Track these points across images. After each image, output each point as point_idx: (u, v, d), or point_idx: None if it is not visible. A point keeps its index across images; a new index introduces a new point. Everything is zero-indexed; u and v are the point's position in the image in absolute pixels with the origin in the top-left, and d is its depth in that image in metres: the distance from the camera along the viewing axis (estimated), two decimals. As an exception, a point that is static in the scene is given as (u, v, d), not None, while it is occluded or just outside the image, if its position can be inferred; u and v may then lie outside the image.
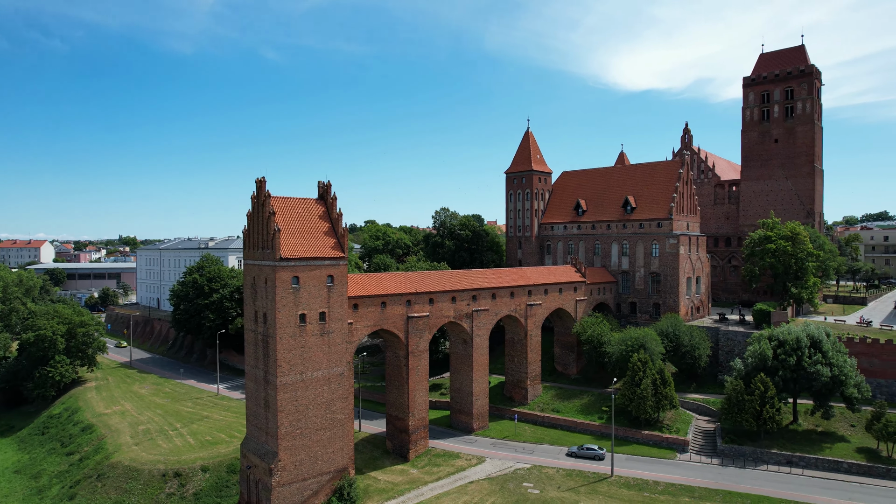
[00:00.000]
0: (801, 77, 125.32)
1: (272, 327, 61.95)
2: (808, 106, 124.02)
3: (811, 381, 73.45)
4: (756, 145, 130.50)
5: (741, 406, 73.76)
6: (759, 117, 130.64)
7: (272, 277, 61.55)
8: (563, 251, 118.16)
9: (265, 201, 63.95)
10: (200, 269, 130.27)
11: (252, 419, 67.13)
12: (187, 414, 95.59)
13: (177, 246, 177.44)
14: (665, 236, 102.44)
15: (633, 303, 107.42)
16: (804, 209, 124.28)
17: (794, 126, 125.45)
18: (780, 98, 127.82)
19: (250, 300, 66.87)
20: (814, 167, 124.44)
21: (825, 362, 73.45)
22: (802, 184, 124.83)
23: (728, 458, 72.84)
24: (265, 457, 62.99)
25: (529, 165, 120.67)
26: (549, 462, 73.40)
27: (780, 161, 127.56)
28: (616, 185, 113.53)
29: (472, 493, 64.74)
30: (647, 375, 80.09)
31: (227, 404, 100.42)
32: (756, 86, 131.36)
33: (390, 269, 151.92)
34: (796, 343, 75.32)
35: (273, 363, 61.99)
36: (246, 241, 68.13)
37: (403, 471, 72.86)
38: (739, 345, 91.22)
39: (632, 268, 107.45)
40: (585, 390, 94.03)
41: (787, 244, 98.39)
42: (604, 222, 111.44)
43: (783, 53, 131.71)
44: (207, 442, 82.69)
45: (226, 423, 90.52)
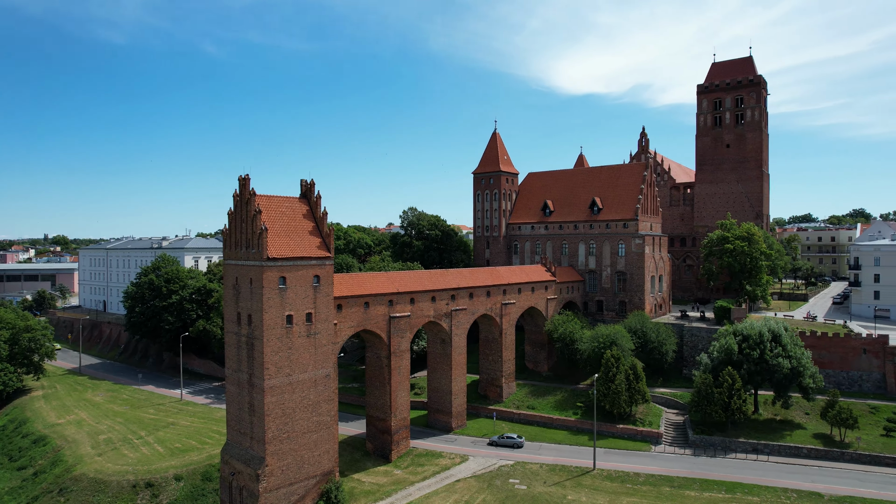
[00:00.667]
0: (750, 86, 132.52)
1: (258, 329, 60.29)
2: (757, 114, 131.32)
3: (773, 373, 78.05)
4: (709, 150, 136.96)
5: (710, 398, 77.47)
6: (711, 123, 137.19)
7: (258, 278, 59.89)
8: (530, 251, 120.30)
9: (250, 199, 62.18)
10: (156, 269, 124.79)
11: (234, 424, 65.05)
12: (151, 421, 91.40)
13: (126, 246, 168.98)
14: (631, 236, 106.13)
15: (600, 301, 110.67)
16: (753, 211, 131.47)
17: (744, 132, 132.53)
18: (731, 105, 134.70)
19: (232, 301, 64.77)
20: (762, 171, 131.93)
21: (785, 355, 78.19)
22: (752, 187, 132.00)
23: (699, 448, 76.35)
24: (251, 462, 61.21)
25: (498, 166, 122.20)
26: (531, 458, 74.73)
27: (732, 165, 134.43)
28: (582, 186, 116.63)
29: (462, 492, 65.13)
30: (620, 371, 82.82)
31: (192, 410, 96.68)
32: (709, 93, 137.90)
33: (353, 269, 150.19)
34: (759, 338, 79.83)
35: (259, 366, 60.34)
36: (226, 241, 65.98)
37: (387, 472, 72.43)
38: (703, 340, 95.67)
39: (598, 267, 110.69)
40: (558, 387, 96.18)
41: (743, 244, 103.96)
42: (571, 222, 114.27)
43: (733, 63, 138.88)
44: (178, 449, 79.39)
45: (194, 429, 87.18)
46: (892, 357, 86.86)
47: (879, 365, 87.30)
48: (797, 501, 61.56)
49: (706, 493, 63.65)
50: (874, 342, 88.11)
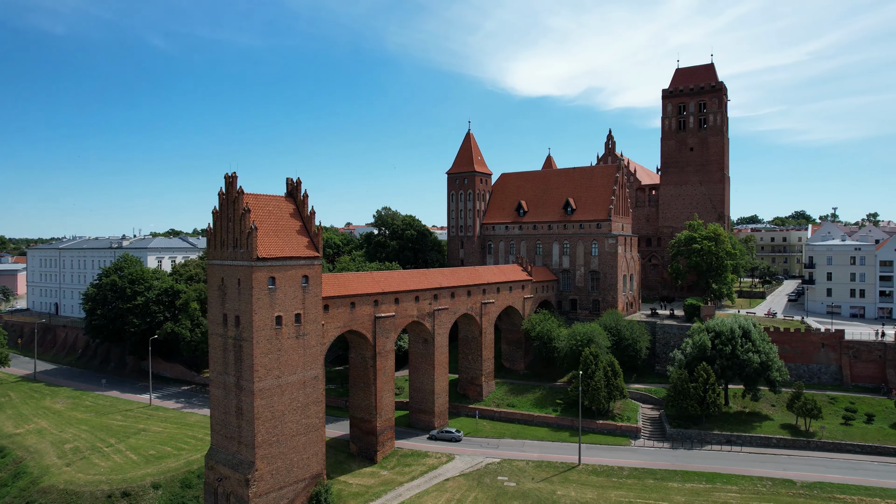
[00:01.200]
0: (712, 92, 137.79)
1: (247, 330, 58.87)
2: (719, 119, 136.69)
3: (743, 368, 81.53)
4: (674, 153, 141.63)
5: (686, 393, 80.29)
6: (676, 127, 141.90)
7: (247, 278, 58.49)
8: (504, 251, 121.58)
9: (237, 198, 60.64)
10: (119, 269, 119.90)
11: (219, 429, 63.25)
12: (119, 428, 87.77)
13: (81, 245, 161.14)
14: (604, 237, 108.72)
15: (574, 300, 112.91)
16: (716, 212, 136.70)
17: (707, 136, 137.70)
18: (694, 110, 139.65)
19: (217, 303, 62.96)
20: (724, 174, 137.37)
21: (755, 350, 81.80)
22: (714, 189, 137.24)
23: (677, 441, 79.03)
24: (239, 467, 59.71)
25: (472, 167, 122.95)
26: (517, 455, 75.66)
27: (695, 168, 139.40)
28: (555, 187, 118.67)
29: (453, 491, 65.37)
30: (599, 368, 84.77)
31: (163, 415, 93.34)
32: (674, 98, 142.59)
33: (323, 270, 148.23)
34: (731, 334, 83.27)
35: (248, 368, 58.94)
36: (211, 241, 64.07)
37: (374, 473, 71.95)
38: (675, 337, 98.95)
39: (572, 266, 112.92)
40: (536, 385, 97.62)
41: (710, 244, 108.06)
42: (545, 223, 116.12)
43: (696, 70, 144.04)
44: (153, 457, 76.59)
45: (168, 435, 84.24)
46: (848, 351, 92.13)
47: (836, 358, 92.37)
48: (772, 489, 64.58)
49: (688, 485, 65.99)
50: (832, 337, 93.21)
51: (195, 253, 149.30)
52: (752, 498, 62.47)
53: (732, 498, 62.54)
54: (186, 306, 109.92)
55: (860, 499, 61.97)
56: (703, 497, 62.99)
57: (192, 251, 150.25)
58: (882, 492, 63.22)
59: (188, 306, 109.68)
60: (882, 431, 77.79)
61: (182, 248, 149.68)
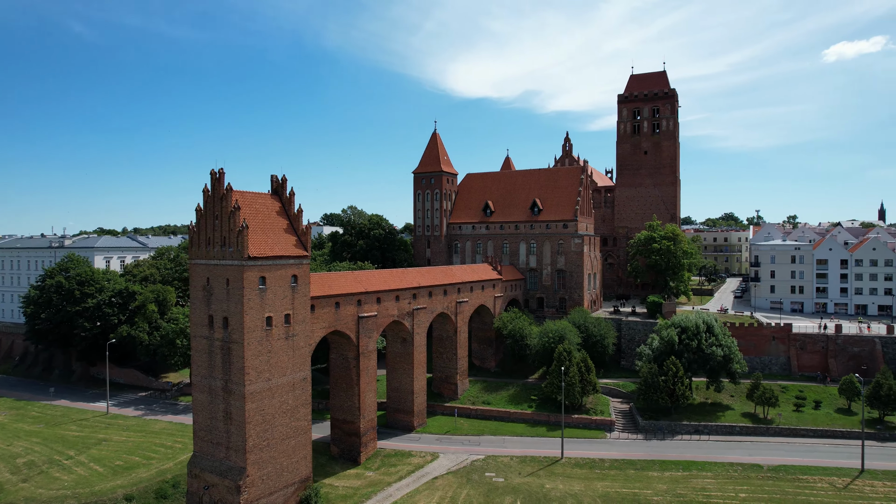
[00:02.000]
0: (665, 98, 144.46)
1: (237, 332, 56.96)
2: (671, 124, 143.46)
3: (708, 361, 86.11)
4: (629, 156, 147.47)
5: (656, 386, 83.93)
6: (631, 131, 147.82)
7: (238, 278, 56.60)
8: (471, 250, 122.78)
9: (225, 195, 58.54)
10: (64, 270, 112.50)
11: (204, 435, 60.83)
12: (77, 439, 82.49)
13: (14, 244, 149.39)
14: (571, 236, 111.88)
15: (541, 298, 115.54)
16: (668, 213, 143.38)
17: (660, 141, 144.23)
18: (648, 115, 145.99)
19: (201, 304, 60.47)
20: (676, 177, 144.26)
21: (718, 344, 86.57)
22: (667, 191, 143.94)
23: (650, 432, 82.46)
24: (228, 474, 57.65)
25: (439, 167, 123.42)
26: (499, 451, 76.78)
27: (649, 171, 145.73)
28: (521, 188, 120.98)
29: (444, 489, 65.64)
30: (573, 364, 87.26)
31: (124, 424, 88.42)
32: (628, 103, 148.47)
33: None
34: (696, 329, 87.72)
35: (239, 371, 57.04)
36: (194, 239, 61.52)
37: (359, 474, 71.16)
38: (639, 333, 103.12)
39: (539, 265, 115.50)
40: (508, 382, 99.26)
41: (669, 244, 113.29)
42: (512, 223, 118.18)
43: (649, 76, 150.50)
44: (120, 468, 72.49)
45: (133, 444, 79.94)
46: (795, 343, 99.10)
47: (785, 350, 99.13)
48: (742, 473, 68.69)
49: (667, 473, 69.14)
50: (781, 330, 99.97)
51: (146, 252, 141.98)
52: (727, 482, 66.22)
53: (709, 484, 66.06)
54: (143, 308, 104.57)
55: (820, 478, 66.93)
56: (682, 484, 66.18)
57: (143, 250, 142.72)
58: (837, 471, 68.55)
59: (145, 308, 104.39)
60: (829, 416, 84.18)
61: (132, 248, 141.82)
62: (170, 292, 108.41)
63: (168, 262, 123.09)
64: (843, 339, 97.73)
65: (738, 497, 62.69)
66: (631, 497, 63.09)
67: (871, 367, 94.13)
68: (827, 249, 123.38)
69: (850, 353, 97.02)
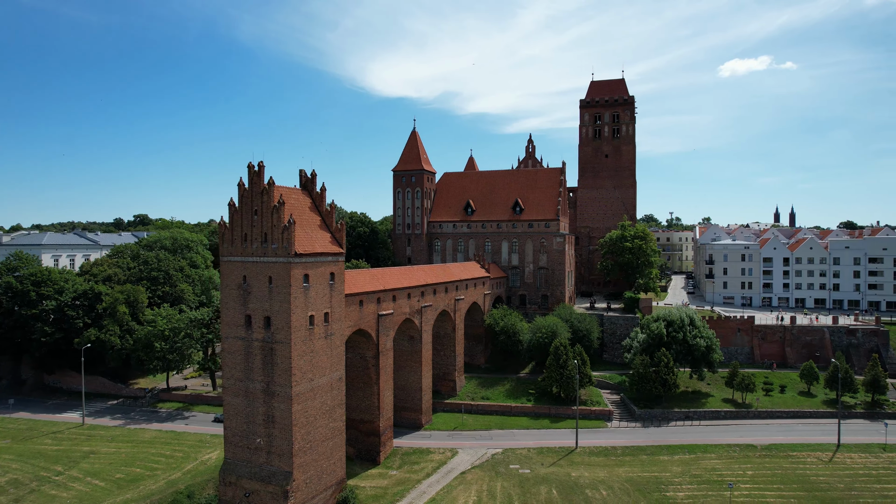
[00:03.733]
0: (624, 105, 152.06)
1: (282, 332, 55.06)
2: (630, 129, 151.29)
3: (692, 352, 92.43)
4: (591, 159, 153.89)
5: (647, 376, 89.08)
6: (592, 135, 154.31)
7: (284, 276, 54.70)
8: (451, 249, 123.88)
9: (266, 189, 56.30)
10: (13, 270, 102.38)
11: (238, 440, 58.15)
12: (58, 454, 75.63)
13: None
14: (553, 235, 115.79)
15: (523, 295, 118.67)
16: (627, 214, 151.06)
17: (620, 145, 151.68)
18: (608, 120, 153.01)
19: (237, 303, 57.75)
20: (634, 179, 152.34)
21: (700, 336, 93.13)
22: (626, 193, 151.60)
23: (646, 420, 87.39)
24: (272, 479, 55.57)
25: (420, 165, 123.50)
26: (514, 444, 78.64)
27: (609, 173, 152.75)
28: (502, 187, 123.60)
29: (477, 482, 66.51)
30: (571, 358, 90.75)
31: (108, 434, 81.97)
32: (590, 108, 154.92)
33: None
34: (681, 322, 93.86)
35: (284, 372, 55.15)
36: (227, 236, 58.63)
37: (382, 473, 70.54)
38: (621, 327, 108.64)
39: (521, 263, 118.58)
40: (502, 377, 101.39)
41: (641, 242, 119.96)
42: (494, 221, 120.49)
43: (609, 83, 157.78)
44: (123, 481, 67.50)
45: (127, 455, 74.49)
46: (757, 334, 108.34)
47: (749, 341, 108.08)
48: (741, 453, 74.69)
49: (676, 457, 73.82)
50: (745, 323, 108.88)
51: (98, 250, 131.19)
52: (732, 462, 71.80)
53: (717, 464, 71.30)
54: (113, 310, 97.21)
55: (807, 454, 74.14)
56: (693, 466, 70.99)
57: (94, 248, 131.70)
58: (819, 446, 76.24)
59: (115, 310, 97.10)
60: (795, 399, 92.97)
61: (83, 245, 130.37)
62: (141, 293, 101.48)
63: (130, 261, 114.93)
64: (797, 329, 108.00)
65: (746, 475, 68.19)
66: (654, 480, 66.95)
67: (822, 354, 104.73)
68: (772, 249, 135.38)
69: (803, 341, 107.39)
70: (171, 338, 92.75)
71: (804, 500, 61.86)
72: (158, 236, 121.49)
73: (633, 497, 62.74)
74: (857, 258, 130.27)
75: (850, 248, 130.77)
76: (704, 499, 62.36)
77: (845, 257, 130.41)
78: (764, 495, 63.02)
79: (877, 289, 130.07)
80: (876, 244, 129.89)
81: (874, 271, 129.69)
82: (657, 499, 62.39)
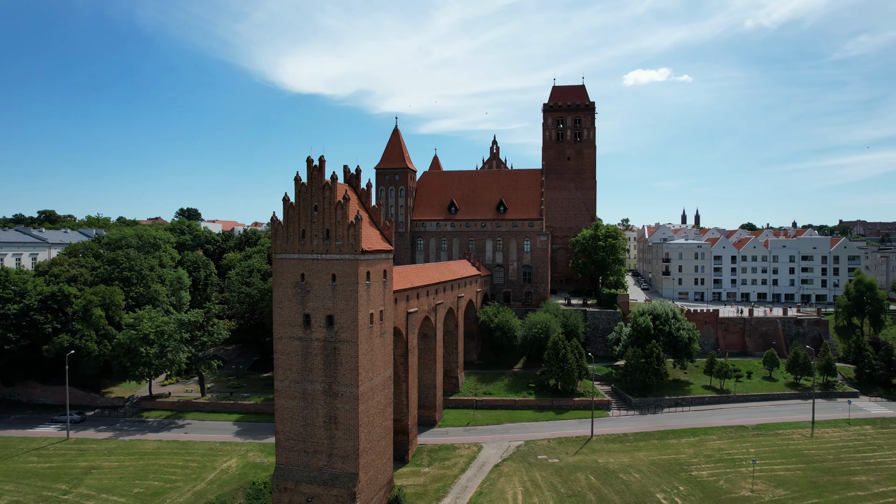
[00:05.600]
0: (585, 110, 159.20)
1: (347, 330, 54.06)
2: (591, 133, 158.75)
3: (676, 343, 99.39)
4: (554, 161, 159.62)
5: (639, 367, 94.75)
6: (555, 138, 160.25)
7: (350, 273, 53.75)
8: (435, 247, 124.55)
9: (329, 184, 54.94)
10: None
11: (293, 444, 56.22)
12: (53, 472, 68.75)
13: None
14: (537, 234, 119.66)
15: (507, 292, 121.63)
16: (589, 214, 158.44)
17: (582, 148, 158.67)
18: (571, 124, 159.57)
19: (292, 302, 55.79)
20: (594, 182, 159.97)
21: (683, 328, 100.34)
22: (587, 195, 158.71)
23: (642, 408, 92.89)
24: (336, 482, 54.36)
25: (403, 163, 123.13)
26: (532, 436, 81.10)
27: (571, 175, 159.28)
28: (485, 187, 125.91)
29: (516, 474, 68.19)
30: (570, 352, 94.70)
31: (100, 448, 75.39)
32: (553, 112, 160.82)
33: (209, 266, 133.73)
34: (666, 316, 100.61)
35: (350, 372, 54.18)
36: (280, 232, 56.43)
37: (415, 471, 70.55)
38: (603, 322, 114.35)
39: (505, 262, 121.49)
40: (498, 372, 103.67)
41: (614, 241, 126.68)
42: (478, 220, 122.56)
43: (571, 89, 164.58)
44: (143, 495, 62.81)
45: (135, 469, 69.16)
46: (721, 326, 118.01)
47: (714, 332, 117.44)
48: (736, 433, 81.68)
49: (682, 440, 79.46)
50: (711, 316, 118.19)
51: (47, 248, 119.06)
52: (733, 442, 78.44)
53: (721, 444, 77.60)
54: (87, 314, 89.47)
55: (792, 431, 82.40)
56: (701, 447, 76.80)
57: (42, 246, 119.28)
58: (798, 424, 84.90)
59: (90, 314, 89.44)
60: (763, 384, 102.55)
61: (29, 243, 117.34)
62: (117, 294, 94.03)
63: (93, 260, 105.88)
64: (755, 321, 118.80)
65: (749, 452, 74.82)
66: (674, 461, 71.86)
67: (777, 343, 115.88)
68: (721, 248, 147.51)
69: (760, 332, 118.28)
70: (158, 341, 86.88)
71: (808, 472, 68.97)
72: (122, 234, 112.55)
73: (664, 478, 67.11)
74: (792, 256, 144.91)
75: (786, 248, 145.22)
76: (726, 475, 67.90)
77: (783, 255, 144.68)
78: (773, 469, 69.57)
79: (808, 283, 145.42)
80: (807, 244, 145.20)
81: (806, 268, 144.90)
82: (686, 479, 67.13)
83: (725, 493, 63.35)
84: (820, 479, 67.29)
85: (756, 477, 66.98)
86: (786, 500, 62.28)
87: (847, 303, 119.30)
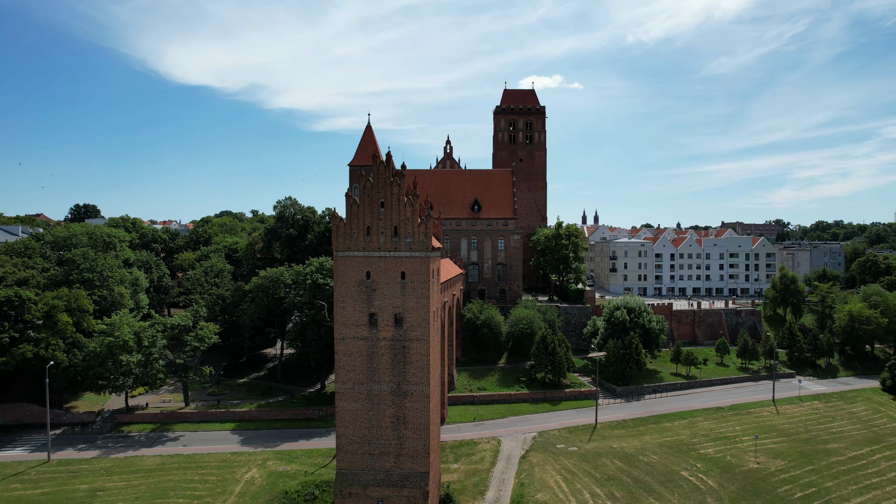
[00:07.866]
0: (536, 114, 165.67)
1: (417, 329, 53.72)
2: (542, 136, 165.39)
3: (649, 334, 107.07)
4: (506, 162, 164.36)
5: (619, 358, 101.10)
6: (507, 140, 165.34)
7: (422, 270, 53.48)
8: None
9: (396, 179, 54.08)
10: None
11: (357, 448, 54.68)
12: (51, 498, 61.01)
13: None
14: (511, 233, 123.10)
15: (482, 290, 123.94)
16: (540, 215, 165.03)
17: (533, 151, 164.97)
18: (522, 127, 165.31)
19: (357, 301, 54.20)
20: (545, 183, 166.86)
21: (653, 320, 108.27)
22: (539, 195, 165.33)
23: (626, 396, 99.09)
24: (407, 482, 53.72)
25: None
26: (541, 427, 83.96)
27: (523, 177, 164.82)
28: (458, 186, 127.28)
29: (548, 462, 70.56)
30: (558, 346, 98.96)
31: (93, 468, 67.79)
32: (505, 114, 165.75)
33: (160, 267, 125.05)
34: (639, 310, 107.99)
35: (421, 370, 53.95)
36: (342, 229, 54.58)
37: (445, 468, 70.66)
38: (575, 317, 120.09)
39: (480, 260, 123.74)
40: (485, 368, 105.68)
41: (577, 240, 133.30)
42: (453, 219, 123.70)
43: (521, 92, 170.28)
44: (173, 514, 57.96)
45: (149, 487, 63.24)
46: (675, 318, 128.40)
47: (669, 323, 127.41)
48: (716, 414, 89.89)
49: (675, 423, 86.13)
50: (666, 308, 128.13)
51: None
52: (719, 422, 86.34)
53: (709, 424, 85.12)
54: (51, 320, 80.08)
55: (760, 409, 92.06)
56: (693, 428, 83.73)
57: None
58: (762, 403, 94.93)
59: (54, 320, 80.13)
60: (720, 369, 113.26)
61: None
62: (83, 298, 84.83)
63: (42, 261, 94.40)
64: (703, 312, 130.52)
65: (735, 430, 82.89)
66: (679, 442, 77.92)
67: (723, 332, 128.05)
68: (662, 246, 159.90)
69: (707, 322, 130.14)
70: (140, 348, 79.76)
71: (793, 444, 77.80)
72: (70, 231, 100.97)
73: (679, 457, 72.70)
74: (721, 253, 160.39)
75: (717, 246, 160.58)
76: (728, 451, 74.88)
77: (714, 253, 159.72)
78: (763, 443, 77.59)
79: (734, 278, 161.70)
80: (734, 243, 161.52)
81: (733, 264, 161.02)
82: (697, 457, 73.18)
83: (737, 467, 69.98)
84: (804, 448, 76.22)
85: (755, 451, 74.42)
86: (788, 468, 70.03)
87: (774, 294, 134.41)
